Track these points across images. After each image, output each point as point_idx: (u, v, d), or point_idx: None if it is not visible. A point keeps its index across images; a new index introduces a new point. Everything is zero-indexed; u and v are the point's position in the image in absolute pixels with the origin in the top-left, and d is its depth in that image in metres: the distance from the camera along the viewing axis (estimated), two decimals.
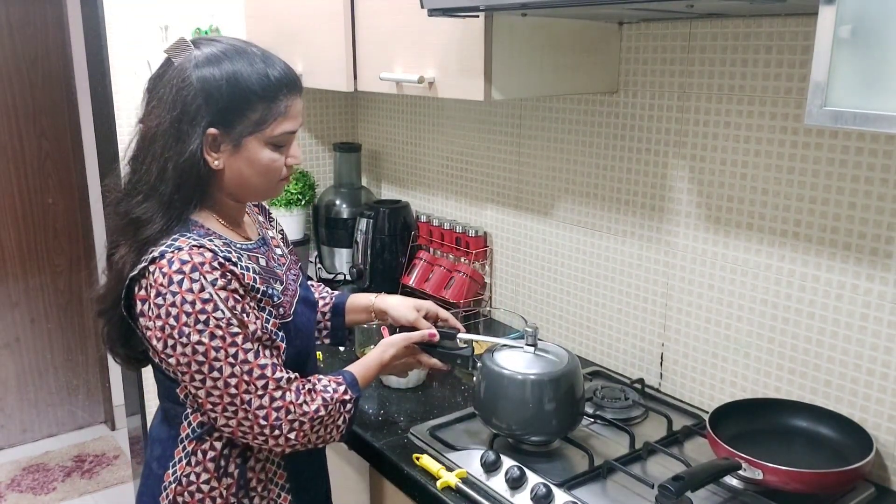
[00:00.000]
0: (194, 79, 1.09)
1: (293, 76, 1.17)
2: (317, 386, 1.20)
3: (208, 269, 1.08)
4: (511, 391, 1.35)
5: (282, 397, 1.13)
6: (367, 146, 2.50)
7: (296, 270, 1.34)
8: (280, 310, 1.20)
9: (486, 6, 1.27)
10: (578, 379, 1.39)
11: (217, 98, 1.10)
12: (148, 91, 1.15)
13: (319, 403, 1.17)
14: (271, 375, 1.12)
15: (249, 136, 1.13)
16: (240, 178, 1.16)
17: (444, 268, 2.12)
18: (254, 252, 1.23)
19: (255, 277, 1.15)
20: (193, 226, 1.15)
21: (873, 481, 1.31)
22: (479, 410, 1.42)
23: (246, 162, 1.14)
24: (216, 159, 1.13)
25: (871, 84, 0.86)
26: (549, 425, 1.37)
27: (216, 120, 1.10)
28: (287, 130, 1.16)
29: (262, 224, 1.36)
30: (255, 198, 1.25)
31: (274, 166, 1.17)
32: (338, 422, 1.21)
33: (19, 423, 3.41)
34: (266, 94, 1.12)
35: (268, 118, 1.13)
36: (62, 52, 3.18)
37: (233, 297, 1.10)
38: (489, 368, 1.39)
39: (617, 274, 1.74)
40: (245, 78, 1.10)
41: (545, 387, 1.35)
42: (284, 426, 1.13)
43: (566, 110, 1.79)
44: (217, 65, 1.10)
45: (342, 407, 1.21)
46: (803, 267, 1.38)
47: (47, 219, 3.31)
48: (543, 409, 1.35)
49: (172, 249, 1.08)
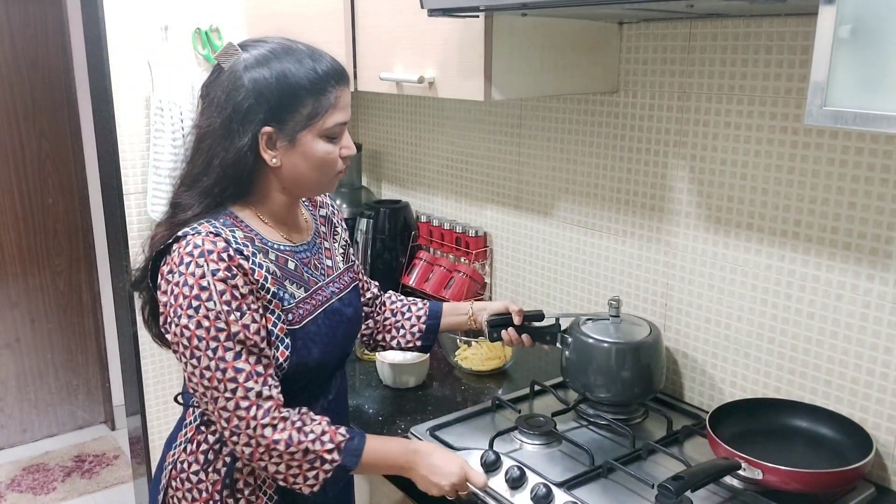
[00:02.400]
0: (246, 80, 1.12)
1: (339, 68, 1.18)
2: (303, 425, 1.14)
3: (215, 258, 1.09)
4: (597, 358, 1.50)
5: (247, 409, 1.10)
6: (367, 146, 2.50)
7: (340, 284, 1.32)
8: (290, 315, 1.18)
9: (486, 6, 1.27)
10: (660, 347, 1.53)
11: (268, 97, 1.12)
12: (201, 97, 1.19)
13: (284, 438, 1.11)
14: (242, 382, 1.10)
15: (303, 130, 1.15)
16: (297, 173, 1.18)
17: (444, 268, 2.12)
18: (286, 254, 1.22)
19: (266, 276, 1.15)
20: (226, 215, 1.17)
21: (873, 481, 1.31)
22: (568, 377, 1.57)
23: (302, 157, 1.16)
24: (274, 156, 1.16)
25: (871, 84, 0.86)
26: (631, 391, 1.51)
27: (269, 118, 1.13)
28: (339, 121, 1.17)
29: (323, 234, 1.35)
30: (312, 192, 1.26)
31: (329, 158, 1.18)
32: (307, 473, 1.14)
33: (19, 423, 3.41)
34: (315, 88, 1.14)
35: (319, 111, 1.15)
36: (62, 52, 3.18)
37: (231, 292, 1.09)
38: (577, 338, 1.52)
39: (617, 274, 1.74)
40: (293, 74, 1.13)
41: (627, 354, 1.49)
42: (242, 437, 1.11)
43: (566, 110, 1.79)
44: (266, 65, 1.13)
45: (318, 461, 1.13)
46: (803, 267, 1.38)
47: (47, 219, 3.31)
48: (626, 374, 1.49)
49: (193, 232, 1.11)
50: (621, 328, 1.54)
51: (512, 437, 1.44)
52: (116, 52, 2.09)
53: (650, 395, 1.55)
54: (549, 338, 1.55)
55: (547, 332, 1.56)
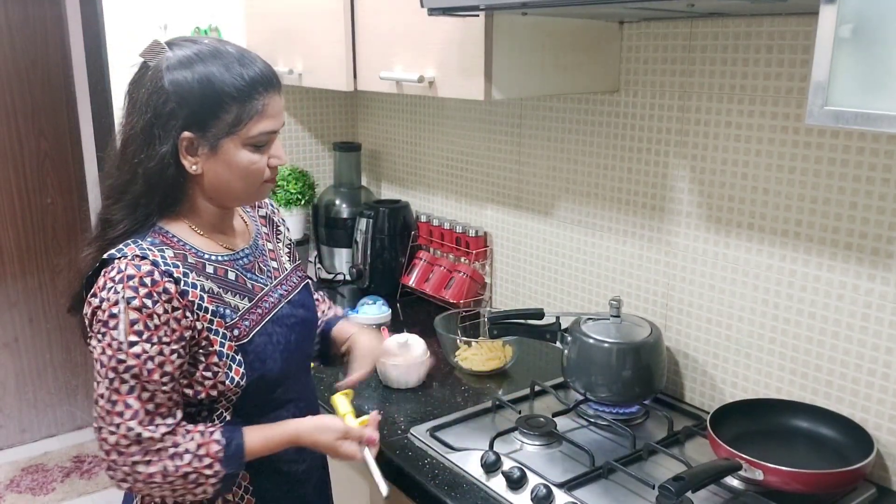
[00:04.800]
0: (166, 82, 1.07)
1: (270, 74, 1.13)
2: (176, 448, 1.09)
3: (135, 283, 1.05)
4: (598, 358, 1.50)
5: (126, 447, 1.07)
6: (367, 146, 2.50)
7: (288, 286, 1.28)
8: (235, 330, 1.14)
9: (486, 5, 1.27)
10: (660, 348, 1.53)
11: (190, 101, 1.08)
12: (126, 95, 1.14)
13: (160, 471, 1.08)
14: (126, 420, 1.06)
15: (225, 137, 1.10)
16: (219, 182, 1.14)
17: (444, 268, 2.12)
18: (225, 264, 1.18)
19: (202, 295, 1.11)
20: (155, 232, 1.13)
21: (874, 482, 1.31)
22: (568, 377, 1.56)
23: (224, 165, 1.12)
24: (194, 163, 1.11)
25: (872, 83, 0.86)
26: (632, 391, 1.50)
27: (190, 123, 1.08)
28: (265, 130, 1.12)
29: (264, 235, 1.31)
30: (239, 202, 1.21)
31: (253, 168, 1.13)
32: (194, 491, 1.11)
33: (18, 424, 3.40)
34: (240, 94, 1.09)
35: (243, 118, 1.10)
36: (61, 52, 3.18)
37: (144, 322, 1.05)
38: (577, 337, 1.52)
39: (617, 274, 1.74)
40: (218, 79, 1.08)
41: (628, 354, 1.49)
42: (119, 473, 1.09)
43: (566, 110, 1.79)
44: (190, 67, 1.08)
45: (200, 479, 1.10)
46: (804, 267, 1.38)
47: (46, 218, 3.31)
48: (626, 374, 1.48)
49: (119, 255, 1.08)
50: (622, 328, 1.54)
51: (512, 437, 1.44)
52: (116, 52, 2.09)
53: (651, 395, 1.54)
54: (549, 336, 1.55)
55: (547, 330, 1.56)
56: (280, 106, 1.15)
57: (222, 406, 1.17)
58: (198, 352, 1.12)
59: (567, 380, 1.58)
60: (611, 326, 1.54)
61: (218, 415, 1.17)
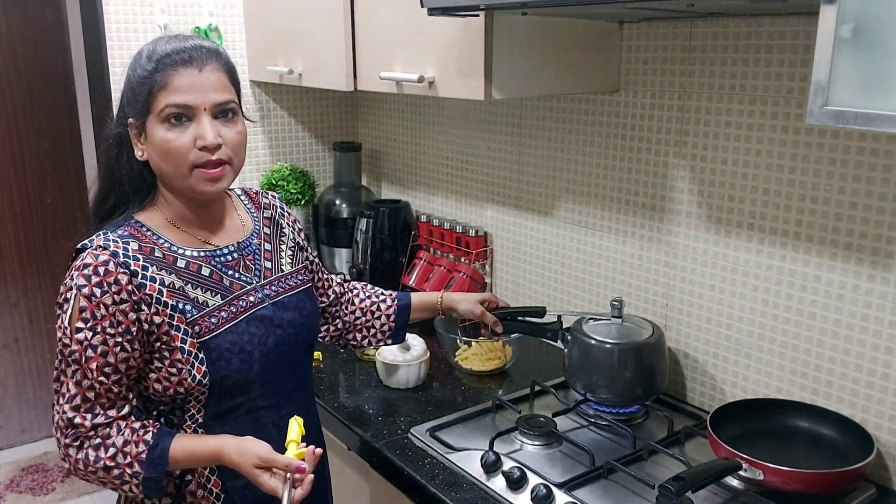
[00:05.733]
0: (124, 79, 1.15)
1: (183, 48, 1.10)
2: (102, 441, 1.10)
3: (89, 272, 1.07)
4: (600, 359, 1.50)
5: (63, 428, 1.10)
6: (367, 146, 2.50)
7: (279, 287, 1.25)
8: (196, 327, 1.12)
9: (486, 5, 1.27)
10: (662, 349, 1.52)
11: (125, 87, 1.14)
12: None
13: (82, 458, 1.10)
14: (63, 403, 1.09)
15: (146, 117, 1.12)
16: (155, 166, 1.15)
17: (444, 268, 2.12)
18: (199, 259, 1.17)
19: (160, 289, 1.10)
20: (129, 225, 1.15)
21: (874, 481, 1.31)
22: (569, 377, 1.57)
23: (151, 146, 1.13)
24: (141, 150, 1.15)
25: (872, 83, 0.86)
26: (634, 392, 1.50)
27: (129, 110, 1.14)
28: (171, 103, 1.09)
29: (265, 236, 1.29)
30: (181, 190, 1.15)
31: (170, 147, 1.10)
32: (122, 487, 1.12)
33: (18, 424, 3.40)
34: (152, 71, 1.10)
35: (152, 93, 1.10)
36: (61, 52, 3.18)
37: (91, 311, 1.07)
38: (579, 338, 1.52)
39: (617, 274, 1.74)
40: (140, 61, 1.12)
41: (630, 355, 1.49)
42: (60, 452, 1.13)
43: (566, 110, 1.79)
44: (135, 57, 1.14)
45: (124, 475, 1.10)
46: (804, 267, 1.38)
47: (46, 218, 3.31)
48: (628, 375, 1.48)
49: (90, 245, 1.12)
50: (624, 329, 1.54)
51: (512, 437, 1.44)
52: (116, 52, 2.09)
53: (653, 396, 1.54)
54: (551, 335, 1.56)
55: (548, 328, 1.56)
56: (194, 80, 1.09)
57: (192, 406, 1.16)
58: (160, 347, 1.11)
59: (568, 381, 1.58)
60: (612, 327, 1.54)
61: (190, 415, 1.16)
